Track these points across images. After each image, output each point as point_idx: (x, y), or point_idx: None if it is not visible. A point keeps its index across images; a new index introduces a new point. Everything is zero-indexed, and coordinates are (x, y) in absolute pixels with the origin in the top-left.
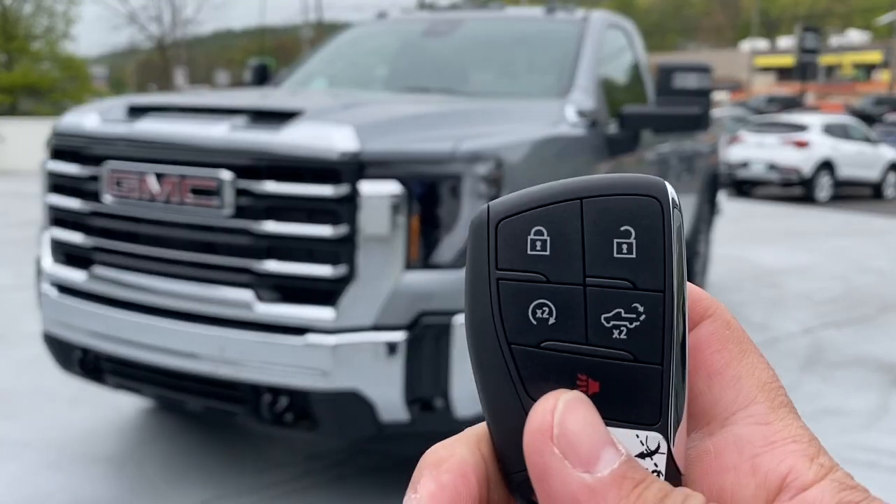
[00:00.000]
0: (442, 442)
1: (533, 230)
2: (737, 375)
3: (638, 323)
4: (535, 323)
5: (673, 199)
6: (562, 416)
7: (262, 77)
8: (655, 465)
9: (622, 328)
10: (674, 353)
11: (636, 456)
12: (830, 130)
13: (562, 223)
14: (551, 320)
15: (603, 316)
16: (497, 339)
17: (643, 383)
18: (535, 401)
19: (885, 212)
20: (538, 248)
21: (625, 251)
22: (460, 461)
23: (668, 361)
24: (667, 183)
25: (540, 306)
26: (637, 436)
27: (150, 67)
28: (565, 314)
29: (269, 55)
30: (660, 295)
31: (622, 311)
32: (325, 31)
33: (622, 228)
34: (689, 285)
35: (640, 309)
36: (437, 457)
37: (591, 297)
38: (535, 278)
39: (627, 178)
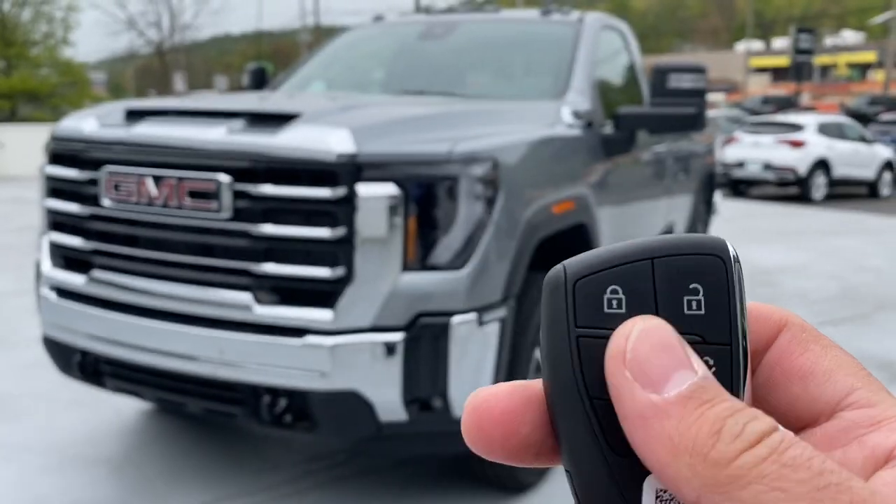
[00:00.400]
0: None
1: (609, 289)
2: (828, 370)
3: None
4: None
5: (734, 255)
6: (635, 341)
7: (260, 81)
8: None
9: None
10: (742, 398)
11: None
12: (825, 130)
13: (635, 282)
14: None
15: None
16: (580, 394)
17: None
18: (616, 454)
19: (881, 210)
20: (614, 306)
21: (694, 308)
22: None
23: None
24: (727, 241)
25: None
26: None
27: (149, 72)
28: None
29: (267, 59)
30: (727, 348)
31: None
32: (322, 35)
33: (691, 286)
34: (758, 305)
35: (711, 362)
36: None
37: None
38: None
39: (693, 239)
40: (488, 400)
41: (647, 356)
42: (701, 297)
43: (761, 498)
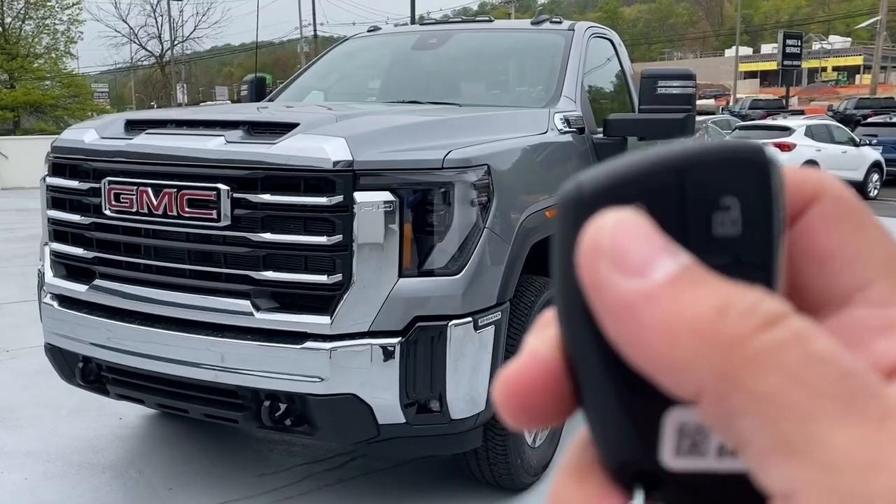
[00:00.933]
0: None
1: (631, 206)
2: (852, 256)
3: None
4: None
5: (773, 163)
6: (611, 230)
7: (259, 91)
8: None
9: None
10: None
11: None
12: (814, 133)
13: (661, 198)
14: None
15: None
16: (591, 324)
17: None
18: (632, 392)
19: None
20: None
21: (728, 226)
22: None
23: None
24: (766, 147)
25: None
26: None
27: (150, 84)
28: None
29: (266, 70)
30: (764, 270)
31: None
32: (321, 45)
33: (724, 202)
34: (793, 171)
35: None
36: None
37: None
38: None
39: (728, 146)
40: (522, 376)
41: (626, 244)
42: (738, 214)
43: (778, 392)
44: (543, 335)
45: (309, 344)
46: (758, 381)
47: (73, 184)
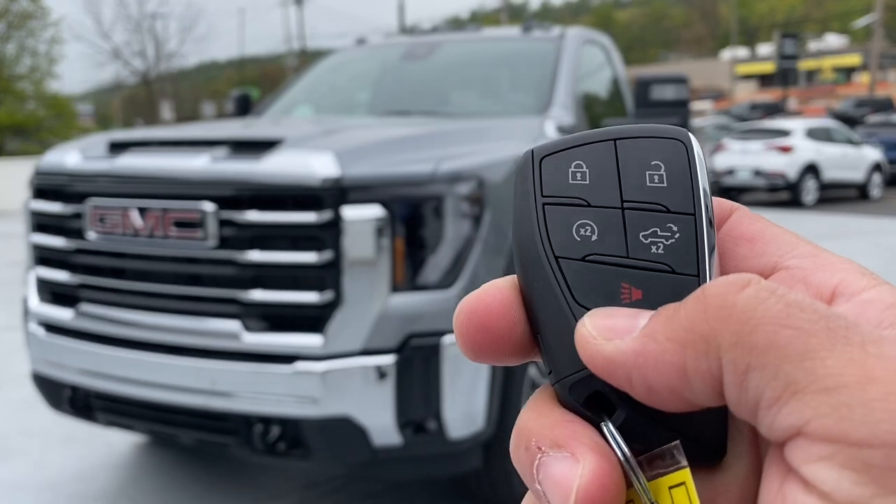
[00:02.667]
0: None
1: (573, 164)
2: (775, 234)
3: (673, 240)
4: (579, 239)
5: (696, 142)
6: (591, 322)
7: (245, 107)
8: None
9: (659, 244)
10: (708, 266)
11: None
12: (813, 134)
13: (599, 159)
14: (594, 237)
15: (641, 234)
16: (546, 254)
17: (681, 292)
18: (582, 307)
19: (872, 212)
20: (578, 178)
21: (656, 181)
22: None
23: (703, 272)
24: (689, 132)
25: (583, 225)
26: None
27: (136, 102)
28: (607, 232)
29: (253, 85)
30: (691, 217)
31: (658, 230)
32: (308, 59)
33: (653, 163)
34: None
35: (675, 228)
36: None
37: (629, 217)
38: (577, 202)
39: (655, 126)
40: (483, 298)
41: (608, 321)
42: (663, 172)
43: (775, 338)
44: (503, 278)
45: (300, 365)
46: (756, 335)
47: (57, 207)
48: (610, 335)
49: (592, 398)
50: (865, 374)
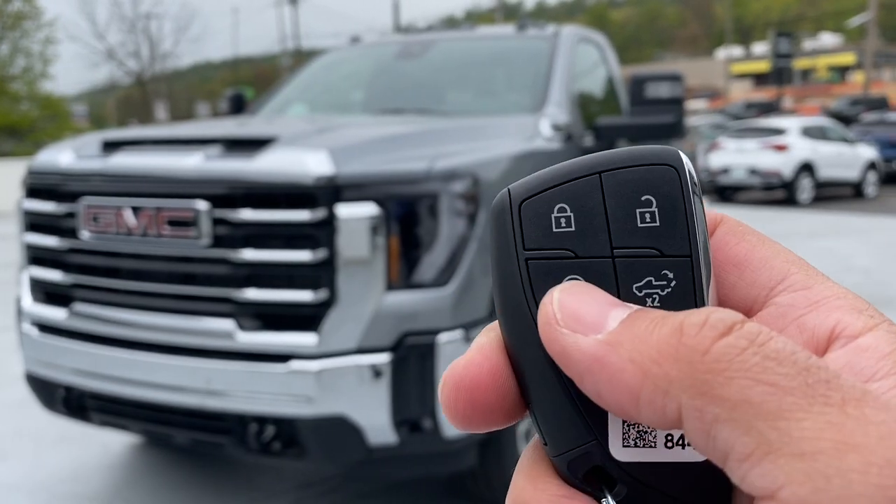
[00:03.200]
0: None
1: (556, 208)
2: (764, 257)
3: (670, 289)
4: None
5: (688, 165)
6: (559, 301)
7: (239, 106)
8: None
9: (654, 296)
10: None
11: None
12: (808, 133)
13: (583, 198)
14: None
15: (635, 285)
16: (533, 320)
17: None
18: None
19: (867, 210)
20: (563, 224)
21: (648, 220)
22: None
23: None
24: (680, 151)
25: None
26: None
27: (130, 103)
28: (598, 287)
29: (248, 85)
30: (687, 260)
31: (652, 279)
32: (303, 58)
33: (643, 198)
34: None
35: (670, 275)
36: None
37: (620, 268)
38: (563, 255)
39: (642, 150)
40: (469, 369)
41: (577, 307)
42: (654, 208)
43: (748, 394)
44: (490, 334)
45: (295, 364)
46: (728, 388)
47: (50, 207)
48: (574, 326)
49: (592, 471)
50: (843, 440)
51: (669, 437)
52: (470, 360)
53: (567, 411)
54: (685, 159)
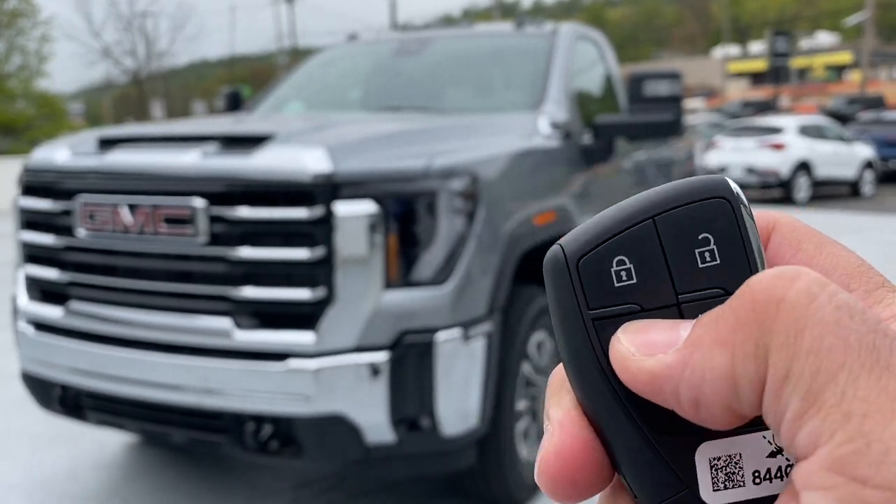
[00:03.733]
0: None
1: (615, 261)
2: (823, 269)
3: None
4: None
5: (738, 193)
6: (628, 338)
7: (235, 104)
8: (787, 460)
9: None
10: None
11: (767, 457)
12: (806, 132)
13: (641, 247)
14: None
15: None
16: (610, 383)
17: None
18: (660, 433)
19: (864, 209)
20: (624, 278)
21: (708, 259)
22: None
23: None
24: (727, 178)
25: None
26: (764, 436)
27: (126, 101)
28: None
29: (244, 83)
30: None
31: None
32: (299, 57)
33: (700, 237)
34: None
35: None
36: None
37: (687, 314)
38: (630, 310)
39: (691, 185)
40: (562, 454)
41: (646, 335)
42: (713, 245)
43: (818, 346)
44: (561, 402)
45: (293, 362)
46: (801, 339)
47: (46, 204)
48: (650, 350)
49: None
50: (893, 409)
51: (757, 473)
52: (559, 446)
53: (655, 464)
54: (734, 187)
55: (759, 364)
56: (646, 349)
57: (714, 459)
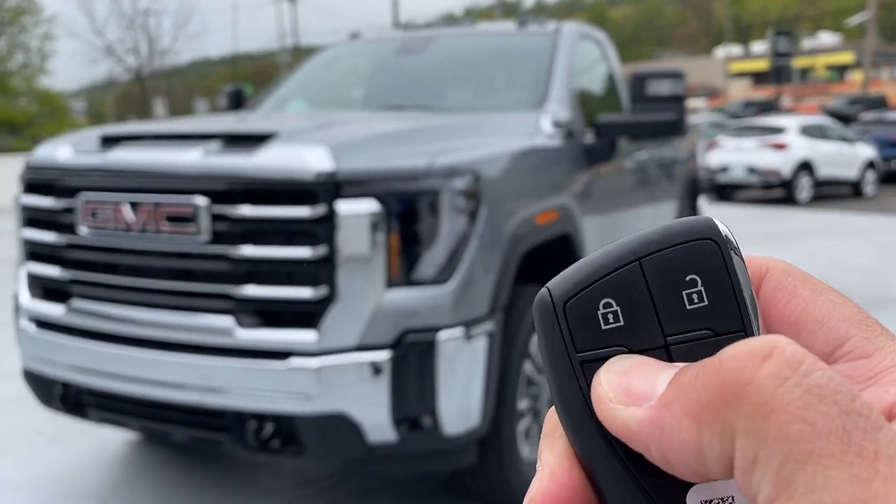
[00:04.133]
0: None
1: (601, 304)
2: (819, 317)
3: None
4: None
5: (725, 233)
6: (607, 379)
7: (238, 102)
8: None
9: None
10: None
11: None
12: (807, 131)
13: (628, 290)
14: None
15: None
16: (597, 423)
17: None
18: (651, 476)
19: (866, 209)
20: (611, 321)
21: (696, 300)
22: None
23: None
24: (715, 219)
25: None
26: None
27: (129, 99)
28: None
29: (247, 81)
30: (741, 335)
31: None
32: (302, 55)
33: (687, 279)
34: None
35: None
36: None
37: (676, 355)
38: (617, 352)
39: (679, 226)
40: (552, 493)
41: (626, 381)
42: (700, 287)
43: (786, 432)
44: (553, 447)
45: (295, 361)
46: (768, 424)
47: (48, 202)
48: (626, 399)
49: None
50: (864, 498)
51: None
52: (546, 492)
53: (635, 487)
54: (722, 227)
55: (726, 444)
56: (623, 397)
57: (706, 502)
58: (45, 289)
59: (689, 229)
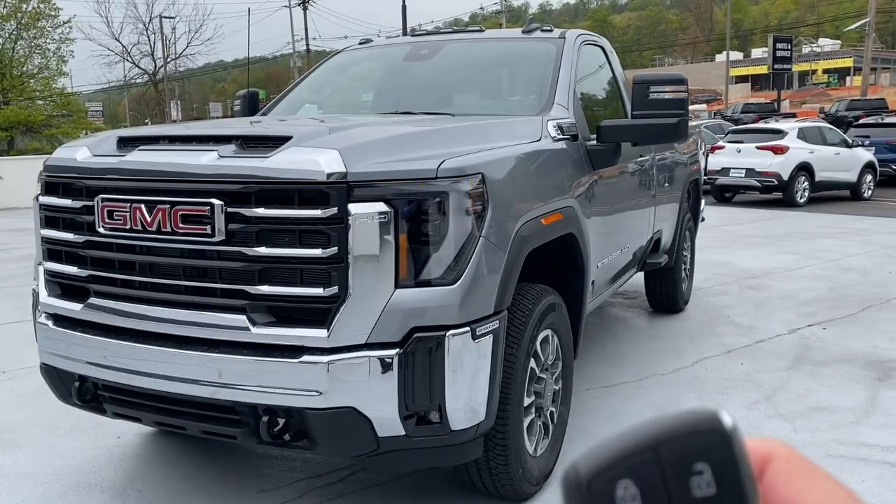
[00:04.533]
0: None
1: (621, 485)
2: None
3: None
4: None
5: (730, 426)
6: None
7: (252, 106)
8: None
9: None
10: None
11: None
12: (806, 135)
13: (645, 473)
14: None
15: None
16: None
17: None
18: None
19: (863, 212)
20: (629, 502)
21: (704, 488)
22: None
23: None
24: (721, 412)
25: None
26: None
27: (144, 102)
28: None
29: (259, 85)
30: None
31: None
32: (314, 59)
33: (697, 467)
34: (745, 440)
35: None
36: None
37: None
38: None
39: (692, 418)
40: None
41: None
42: (710, 476)
43: None
44: None
45: (306, 358)
46: None
47: (66, 202)
48: None
49: None
50: None
51: None
52: None
53: None
54: (728, 421)
55: None
56: None
57: None
58: (63, 286)
59: (705, 420)
